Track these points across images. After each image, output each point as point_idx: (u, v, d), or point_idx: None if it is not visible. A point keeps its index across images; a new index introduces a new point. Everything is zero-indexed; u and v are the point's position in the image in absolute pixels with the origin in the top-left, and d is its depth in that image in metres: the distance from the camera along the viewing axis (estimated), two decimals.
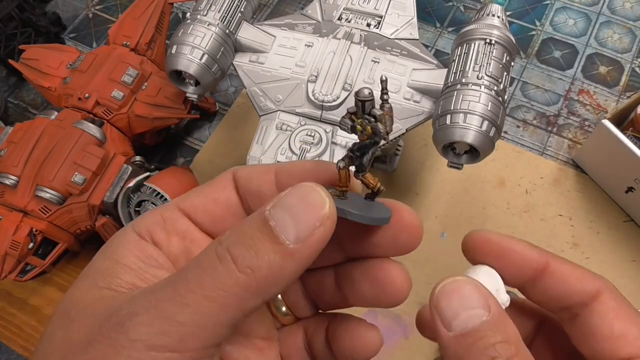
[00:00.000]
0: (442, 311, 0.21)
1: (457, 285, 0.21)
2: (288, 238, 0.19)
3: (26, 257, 0.54)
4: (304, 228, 0.19)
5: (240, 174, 0.24)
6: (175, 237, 0.23)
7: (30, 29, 0.72)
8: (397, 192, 0.64)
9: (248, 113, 0.70)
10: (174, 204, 0.24)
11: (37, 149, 0.54)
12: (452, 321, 0.20)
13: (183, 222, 0.23)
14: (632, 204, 0.60)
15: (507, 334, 0.20)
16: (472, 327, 0.20)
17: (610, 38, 0.74)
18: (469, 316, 0.20)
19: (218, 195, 0.24)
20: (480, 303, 0.20)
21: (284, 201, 0.19)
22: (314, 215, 0.19)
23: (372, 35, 0.52)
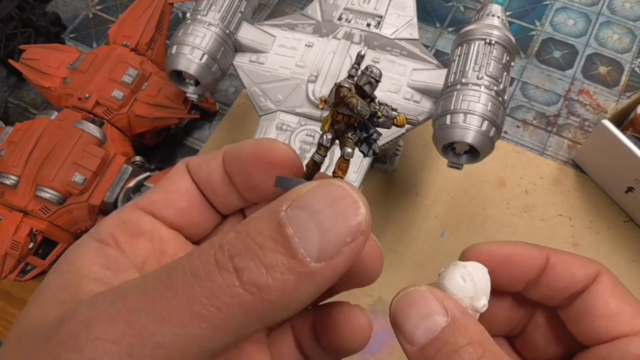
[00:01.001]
0: (402, 327, 0.19)
1: (410, 296, 0.20)
2: (309, 254, 0.15)
3: (26, 257, 0.54)
4: (330, 244, 0.15)
5: (192, 164, 0.22)
6: (140, 238, 0.20)
7: (30, 29, 0.72)
8: (397, 192, 0.64)
9: (248, 113, 0.70)
10: (131, 204, 0.21)
11: (37, 149, 0.54)
12: (414, 334, 0.19)
13: (147, 221, 0.21)
14: (632, 204, 0.60)
15: (469, 335, 0.19)
16: (433, 337, 0.19)
17: (610, 38, 0.74)
18: (429, 325, 0.19)
19: (177, 186, 0.21)
20: (436, 308, 0.19)
21: (306, 202, 0.15)
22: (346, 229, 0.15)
23: (372, 35, 0.52)
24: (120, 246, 0.20)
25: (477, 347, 0.18)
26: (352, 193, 0.16)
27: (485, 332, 0.19)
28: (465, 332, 0.19)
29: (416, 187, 0.64)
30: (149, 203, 0.21)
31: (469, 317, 0.19)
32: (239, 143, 0.21)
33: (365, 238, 0.16)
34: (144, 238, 0.20)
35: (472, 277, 0.21)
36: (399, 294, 0.20)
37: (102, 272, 0.18)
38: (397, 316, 0.20)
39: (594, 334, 0.22)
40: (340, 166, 0.20)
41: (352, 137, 0.19)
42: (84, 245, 0.19)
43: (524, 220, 0.62)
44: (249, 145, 0.21)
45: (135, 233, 0.20)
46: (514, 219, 0.62)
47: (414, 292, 0.20)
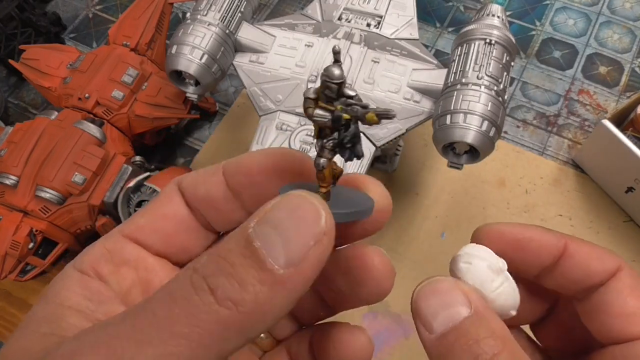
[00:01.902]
0: (422, 313, 0.20)
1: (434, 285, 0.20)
2: (277, 262, 0.15)
3: (26, 257, 0.54)
4: (295, 249, 0.15)
5: (185, 183, 0.21)
6: (124, 267, 0.20)
7: (30, 29, 0.72)
8: (397, 192, 0.64)
9: (248, 113, 0.70)
10: (117, 230, 0.20)
11: (37, 149, 0.54)
12: (433, 322, 0.19)
13: (131, 249, 0.20)
14: (632, 204, 0.60)
15: (491, 328, 0.19)
16: (453, 326, 0.19)
17: (610, 38, 0.74)
18: (449, 314, 0.19)
19: (165, 211, 0.21)
20: (460, 300, 0.19)
21: (270, 216, 0.16)
22: (307, 233, 0.16)
23: (372, 35, 0.52)
24: (103, 278, 0.19)
25: (498, 340, 0.18)
26: (311, 199, 0.16)
27: (507, 329, 0.19)
28: (487, 326, 0.19)
29: (416, 187, 0.64)
30: (135, 229, 0.20)
31: (492, 313, 0.19)
32: (240, 157, 0.21)
33: (329, 239, 0.16)
34: (128, 267, 0.20)
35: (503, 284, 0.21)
36: (423, 282, 0.20)
37: (85, 303, 0.18)
38: (419, 302, 0.20)
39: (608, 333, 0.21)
40: (317, 177, 0.19)
41: (328, 143, 0.19)
42: (67, 276, 0.19)
43: (524, 220, 0.62)
44: (258, 157, 0.21)
45: (119, 263, 0.20)
46: (514, 219, 0.62)
47: (439, 281, 0.20)
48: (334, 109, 0.18)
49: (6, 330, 0.59)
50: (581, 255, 0.22)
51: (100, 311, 0.18)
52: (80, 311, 0.18)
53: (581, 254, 0.22)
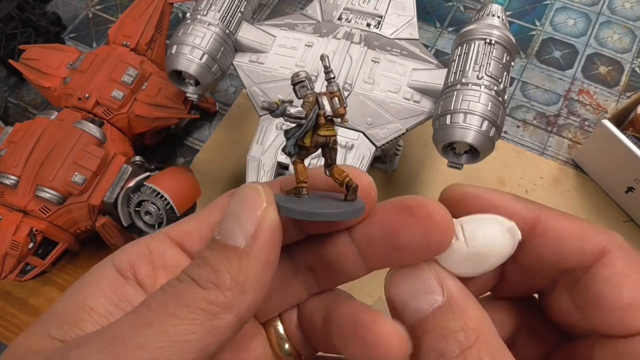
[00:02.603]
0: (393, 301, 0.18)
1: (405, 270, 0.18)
2: (237, 241, 0.17)
3: (26, 257, 0.54)
4: (247, 223, 0.18)
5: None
6: (163, 272, 0.20)
7: (30, 29, 0.72)
8: (397, 192, 0.64)
9: (248, 113, 0.70)
10: (164, 232, 0.21)
11: (37, 149, 0.54)
12: (404, 311, 0.18)
13: (173, 254, 0.20)
14: (632, 204, 0.60)
15: (464, 320, 0.17)
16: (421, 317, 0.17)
17: (610, 38, 0.74)
18: (419, 304, 0.18)
19: (215, 219, 0.20)
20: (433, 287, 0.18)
21: (226, 212, 0.18)
22: (252, 207, 0.18)
23: (372, 35, 0.52)
24: (139, 280, 0.19)
25: (469, 334, 0.17)
26: (254, 185, 0.19)
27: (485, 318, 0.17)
28: (460, 316, 0.17)
29: (416, 187, 0.64)
30: (182, 233, 0.21)
31: (469, 300, 0.18)
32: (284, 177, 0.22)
33: (272, 206, 0.18)
34: (166, 273, 0.20)
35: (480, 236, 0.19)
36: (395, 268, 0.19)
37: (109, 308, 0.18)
38: (390, 289, 0.19)
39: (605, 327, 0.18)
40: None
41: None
42: (102, 270, 0.19)
43: None
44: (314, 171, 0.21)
45: (159, 266, 0.20)
46: None
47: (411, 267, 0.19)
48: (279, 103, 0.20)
49: (6, 330, 0.59)
50: (556, 232, 0.19)
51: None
52: (102, 315, 0.18)
53: (556, 229, 0.19)
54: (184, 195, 0.55)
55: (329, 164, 0.20)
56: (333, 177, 0.20)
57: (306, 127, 0.20)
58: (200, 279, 0.17)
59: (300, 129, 0.20)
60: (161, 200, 0.54)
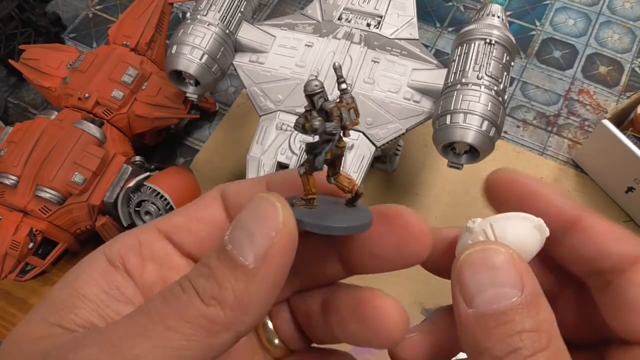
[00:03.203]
0: (465, 283, 0.18)
1: (488, 255, 0.18)
2: (247, 259, 0.17)
3: (26, 257, 0.54)
4: (259, 243, 0.17)
5: (230, 191, 0.22)
6: (151, 263, 0.20)
7: (30, 29, 0.72)
8: (397, 192, 0.64)
9: (248, 113, 0.70)
10: (154, 224, 0.21)
11: (37, 149, 0.54)
12: (475, 297, 0.17)
13: (162, 246, 0.21)
14: (632, 204, 0.60)
15: (538, 321, 0.17)
16: (497, 308, 0.17)
17: (610, 38, 0.74)
18: (496, 294, 0.17)
19: (202, 214, 0.21)
20: (513, 280, 0.17)
21: (238, 220, 0.18)
22: (267, 226, 0.17)
23: (372, 35, 0.52)
24: (127, 270, 0.20)
25: (543, 336, 0.16)
26: (270, 198, 0.18)
27: (555, 323, 0.17)
28: (535, 316, 0.17)
29: (416, 187, 0.64)
30: (171, 227, 0.21)
31: (544, 302, 0.17)
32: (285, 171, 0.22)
33: (289, 228, 0.17)
34: (154, 264, 0.20)
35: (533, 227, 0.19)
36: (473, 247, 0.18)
37: (100, 296, 0.19)
38: (464, 269, 0.18)
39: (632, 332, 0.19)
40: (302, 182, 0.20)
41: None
42: (94, 260, 0.20)
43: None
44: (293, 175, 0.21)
45: (147, 257, 0.20)
46: None
47: (495, 253, 0.18)
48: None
49: (6, 330, 0.59)
50: (596, 231, 0.19)
51: (113, 308, 0.19)
52: (95, 303, 0.19)
53: (596, 229, 0.19)
54: (184, 195, 0.55)
55: (335, 173, 0.20)
56: (341, 185, 0.20)
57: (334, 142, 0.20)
58: (203, 293, 0.17)
59: (329, 144, 0.19)
60: (161, 200, 0.54)
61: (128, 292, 0.19)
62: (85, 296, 0.19)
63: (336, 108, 0.19)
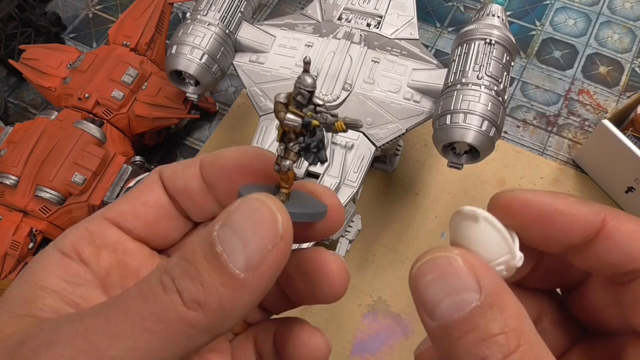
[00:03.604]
0: (422, 297, 0.17)
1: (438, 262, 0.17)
2: (237, 266, 0.16)
3: (26, 257, 0.54)
4: (253, 253, 0.16)
5: (166, 173, 0.22)
6: (104, 250, 0.20)
7: (30, 29, 0.72)
8: (397, 192, 0.64)
9: (248, 113, 0.70)
10: (99, 214, 0.21)
11: (37, 149, 0.54)
12: (435, 309, 0.16)
13: (112, 233, 0.21)
14: (632, 204, 0.60)
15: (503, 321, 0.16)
16: (458, 318, 0.16)
17: (610, 38, 0.74)
18: (454, 303, 0.16)
19: (147, 198, 0.21)
20: (468, 283, 0.16)
21: (231, 219, 0.17)
22: (264, 237, 0.16)
23: (372, 35, 0.52)
24: (83, 259, 0.20)
25: (511, 337, 0.16)
26: (269, 204, 0.17)
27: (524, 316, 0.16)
28: (499, 316, 0.16)
29: (416, 187, 0.64)
30: (117, 214, 0.21)
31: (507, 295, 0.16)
32: (218, 151, 0.22)
33: (286, 243, 0.17)
34: (107, 250, 0.20)
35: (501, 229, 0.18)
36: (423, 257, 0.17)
37: (62, 284, 0.19)
38: (418, 284, 0.17)
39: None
40: (281, 178, 0.20)
41: (294, 147, 0.19)
42: (47, 256, 0.20)
43: None
44: (232, 153, 0.21)
45: (100, 245, 0.20)
46: None
47: (442, 258, 0.17)
48: (304, 115, 0.19)
49: None
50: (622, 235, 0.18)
51: (77, 294, 0.19)
52: (57, 292, 0.18)
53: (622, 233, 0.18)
54: None
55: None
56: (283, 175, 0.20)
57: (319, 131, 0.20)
58: (187, 296, 0.16)
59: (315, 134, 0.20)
60: None
61: (88, 277, 0.20)
62: (48, 287, 0.18)
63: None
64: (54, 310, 0.18)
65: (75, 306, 0.18)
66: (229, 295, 0.16)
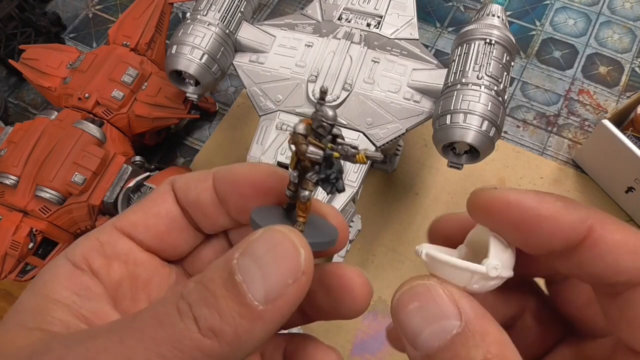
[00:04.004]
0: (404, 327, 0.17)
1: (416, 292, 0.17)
2: (256, 298, 0.16)
3: (26, 257, 0.54)
4: (274, 286, 0.16)
5: (178, 184, 0.22)
6: (116, 261, 0.20)
7: (30, 29, 0.72)
8: (397, 192, 0.64)
9: (248, 113, 0.70)
10: (110, 224, 0.21)
11: (37, 149, 0.54)
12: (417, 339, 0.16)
13: (123, 244, 0.21)
14: (632, 204, 0.60)
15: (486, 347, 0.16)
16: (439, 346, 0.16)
17: (610, 38, 0.74)
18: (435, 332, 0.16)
19: (158, 209, 0.21)
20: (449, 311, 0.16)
21: (252, 248, 0.17)
22: (286, 271, 0.16)
23: (372, 35, 0.52)
24: (94, 271, 0.20)
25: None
26: (292, 237, 0.17)
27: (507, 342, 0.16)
28: (481, 342, 0.16)
29: (416, 187, 0.64)
30: (128, 225, 0.21)
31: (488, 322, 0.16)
32: (232, 166, 0.22)
33: (307, 278, 0.17)
34: (119, 261, 0.20)
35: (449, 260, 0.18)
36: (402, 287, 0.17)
37: (72, 297, 0.19)
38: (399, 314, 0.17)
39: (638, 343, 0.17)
40: (299, 207, 0.20)
41: (312, 177, 0.19)
42: (58, 266, 0.20)
43: None
44: (246, 170, 0.21)
45: (111, 256, 0.20)
46: None
47: (421, 286, 0.17)
48: (325, 146, 0.19)
49: None
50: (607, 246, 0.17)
51: (87, 307, 0.19)
52: (67, 305, 0.18)
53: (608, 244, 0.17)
54: None
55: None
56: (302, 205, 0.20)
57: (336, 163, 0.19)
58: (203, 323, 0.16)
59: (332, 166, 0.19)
60: None
61: (98, 290, 0.19)
62: (58, 300, 0.18)
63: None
64: (63, 324, 0.18)
65: (84, 320, 0.18)
66: (246, 326, 0.16)
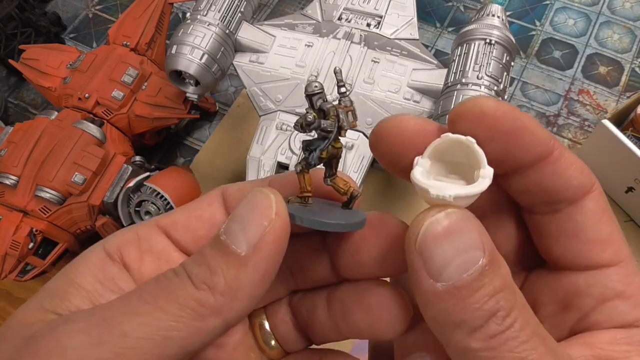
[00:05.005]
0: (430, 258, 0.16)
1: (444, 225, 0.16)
2: (239, 247, 0.17)
3: (26, 257, 0.54)
4: (252, 231, 0.18)
5: (231, 191, 0.22)
6: (149, 256, 0.21)
7: (30, 29, 0.72)
8: (397, 192, 0.64)
9: (248, 113, 0.70)
10: (154, 220, 0.22)
11: (37, 149, 0.54)
12: (443, 270, 0.16)
13: (160, 241, 0.21)
14: (632, 204, 0.60)
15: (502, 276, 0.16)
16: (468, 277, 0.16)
17: (610, 38, 0.74)
18: (463, 262, 0.16)
19: (202, 213, 0.22)
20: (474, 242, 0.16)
21: (235, 213, 0.18)
22: (260, 216, 0.18)
23: (372, 35, 0.52)
24: (125, 263, 0.20)
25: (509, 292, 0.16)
26: (264, 190, 0.18)
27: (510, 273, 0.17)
28: (498, 273, 0.16)
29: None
30: (169, 223, 0.21)
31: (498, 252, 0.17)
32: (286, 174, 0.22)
33: (281, 219, 0.18)
34: (152, 257, 0.21)
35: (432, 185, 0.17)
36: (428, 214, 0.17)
37: (95, 285, 0.19)
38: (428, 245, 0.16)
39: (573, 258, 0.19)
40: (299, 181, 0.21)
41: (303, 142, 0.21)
42: (92, 252, 0.20)
43: None
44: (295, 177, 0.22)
45: (146, 250, 0.21)
46: None
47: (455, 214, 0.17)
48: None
49: None
50: (566, 163, 0.19)
51: (107, 297, 0.19)
52: (89, 291, 0.19)
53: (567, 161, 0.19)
54: (183, 195, 0.55)
55: (331, 174, 0.21)
56: (336, 186, 0.21)
57: (330, 140, 0.20)
58: (195, 277, 0.17)
59: (325, 141, 0.20)
60: (161, 200, 0.54)
61: (122, 284, 0.20)
62: (80, 285, 0.19)
63: (333, 108, 0.20)
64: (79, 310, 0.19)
65: None
66: (234, 274, 0.17)
